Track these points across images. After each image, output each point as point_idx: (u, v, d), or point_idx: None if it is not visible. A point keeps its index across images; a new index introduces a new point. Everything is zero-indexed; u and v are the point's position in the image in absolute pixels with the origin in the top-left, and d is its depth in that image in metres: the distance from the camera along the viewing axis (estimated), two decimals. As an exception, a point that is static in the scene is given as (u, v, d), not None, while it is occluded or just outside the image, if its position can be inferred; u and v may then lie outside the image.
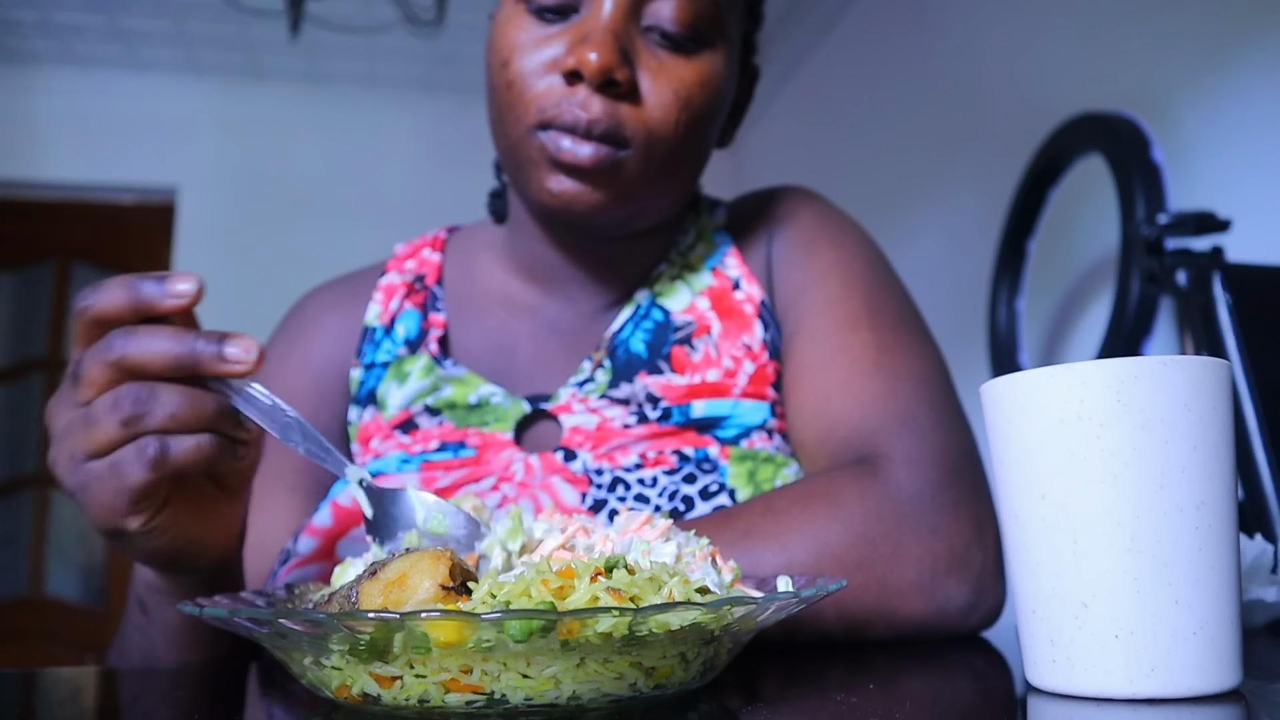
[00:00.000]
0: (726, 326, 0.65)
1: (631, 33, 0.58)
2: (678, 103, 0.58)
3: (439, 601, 0.34)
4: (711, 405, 0.62)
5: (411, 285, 0.72)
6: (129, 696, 0.46)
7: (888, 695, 0.39)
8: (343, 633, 0.31)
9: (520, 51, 0.58)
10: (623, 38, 0.57)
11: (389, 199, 3.63)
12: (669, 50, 0.59)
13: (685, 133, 0.59)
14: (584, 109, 0.56)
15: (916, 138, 2.56)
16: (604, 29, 0.57)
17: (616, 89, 0.57)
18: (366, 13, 3.12)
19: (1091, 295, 1.82)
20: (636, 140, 0.58)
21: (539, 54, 0.58)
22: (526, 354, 0.68)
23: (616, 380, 0.64)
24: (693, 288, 0.67)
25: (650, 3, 0.58)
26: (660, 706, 0.35)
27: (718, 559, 0.41)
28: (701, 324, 0.65)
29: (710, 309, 0.65)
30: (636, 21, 0.58)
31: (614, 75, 0.56)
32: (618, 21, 0.57)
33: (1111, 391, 0.35)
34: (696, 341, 0.64)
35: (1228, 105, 1.55)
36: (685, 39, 0.59)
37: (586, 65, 0.55)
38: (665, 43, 0.59)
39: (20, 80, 3.50)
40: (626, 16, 0.58)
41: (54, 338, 3.51)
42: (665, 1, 0.58)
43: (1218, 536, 0.34)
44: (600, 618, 0.30)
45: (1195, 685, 0.34)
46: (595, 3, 0.58)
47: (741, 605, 0.33)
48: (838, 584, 0.38)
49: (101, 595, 3.39)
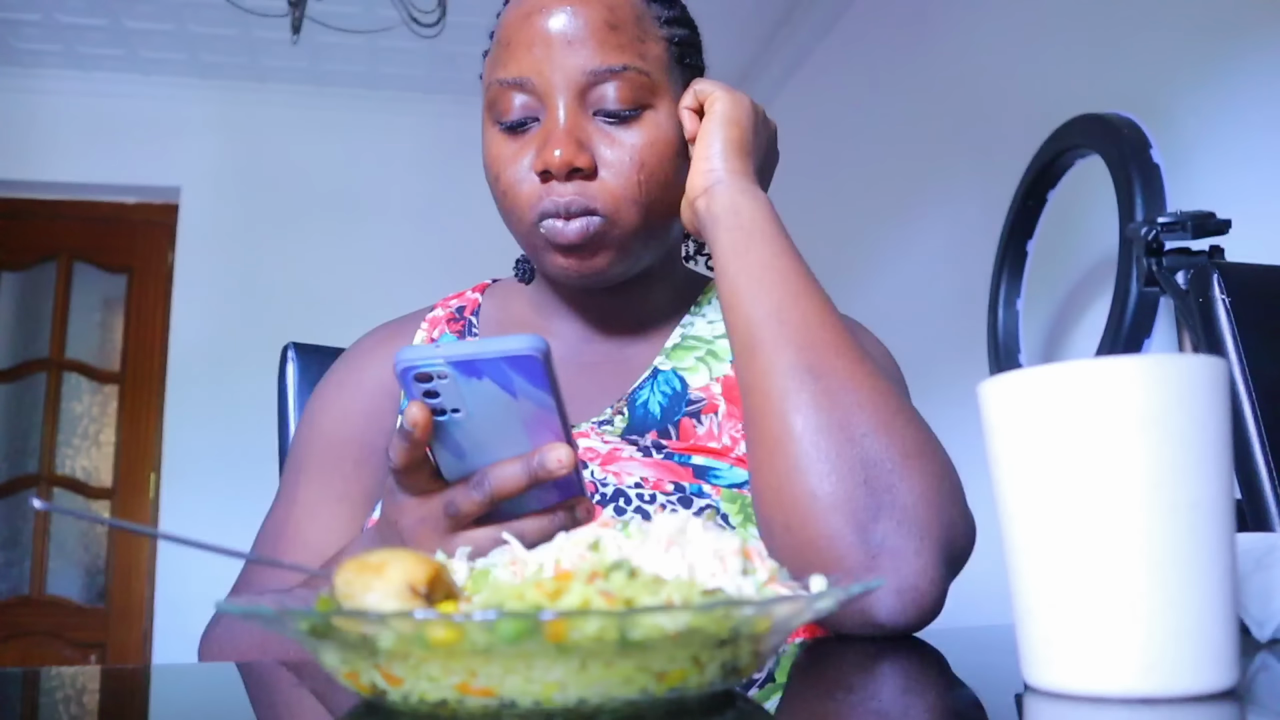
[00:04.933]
0: (730, 409, 0.73)
1: (583, 123, 0.69)
2: (633, 165, 0.69)
3: (402, 601, 0.34)
4: (709, 461, 0.70)
5: (453, 315, 0.84)
6: (130, 696, 0.46)
7: (883, 693, 0.40)
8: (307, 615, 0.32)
9: (503, 165, 0.70)
10: (577, 130, 0.68)
11: (390, 199, 3.63)
12: (617, 124, 0.69)
13: (647, 188, 0.69)
14: (560, 196, 0.68)
15: (916, 139, 2.56)
16: (560, 130, 0.68)
17: (581, 173, 0.68)
18: (368, 14, 3.12)
19: (1091, 295, 1.82)
20: (606, 208, 0.68)
21: (518, 164, 0.70)
22: None
23: (630, 431, 0.72)
24: (712, 372, 0.76)
25: (592, 93, 0.69)
26: (682, 710, 0.35)
27: (754, 556, 0.41)
28: (711, 404, 0.73)
29: (721, 394, 0.74)
30: (585, 111, 0.69)
31: (575, 164, 0.67)
32: (570, 120, 0.68)
33: (1109, 391, 0.35)
34: (704, 417, 0.73)
35: (1227, 106, 1.55)
36: (627, 112, 0.69)
37: (552, 163, 0.67)
38: (612, 120, 0.69)
39: (23, 82, 3.50)
40: (576, 112, 0.69)
41: (56, 338, 3.52)
42: (605, 87, 0.68)
43: (1214, 536, 0.35)
44: (586, 620, 0.30)
45: (1191, 685, 0.34)
46: (550, 110, 0.69)
47: (741, 607, 0.33)
48: (863, 586, 0.38)
49: (103, 595, 3.40)
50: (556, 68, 0.68)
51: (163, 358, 3.49)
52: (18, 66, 3.46)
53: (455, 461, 0.52)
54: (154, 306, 3.55)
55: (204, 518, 3.20)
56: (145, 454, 3.46)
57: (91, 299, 3.60)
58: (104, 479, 3.47)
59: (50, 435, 3.44)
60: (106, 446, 3.50)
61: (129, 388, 3.51)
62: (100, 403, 3.54)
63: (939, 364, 2.23)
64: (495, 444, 0.50)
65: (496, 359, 0.46)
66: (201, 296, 3.49)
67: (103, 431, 3.52)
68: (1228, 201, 1.43)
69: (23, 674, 0.48)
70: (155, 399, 3.48)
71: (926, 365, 2.10)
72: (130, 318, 3.56)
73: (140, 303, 3.57)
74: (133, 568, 3.38)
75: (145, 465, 3.45)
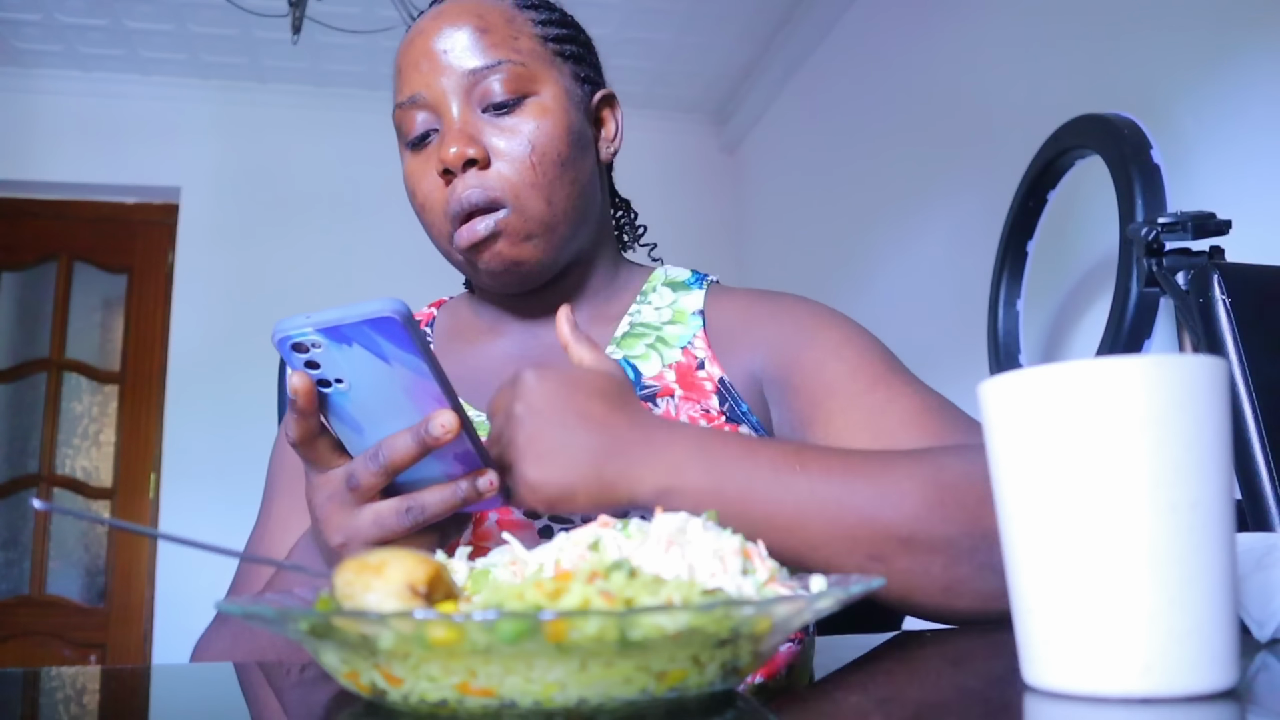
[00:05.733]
0: (687, 394, 0.74)
1: (473, 119, 0.73)
2: (525, 149, 0.72)
3: (402, 602, 0.34)
4: None
5: None
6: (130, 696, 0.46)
7: (882, 692, 0.40)
8: (308, 615, 0.32)
9: (416, 181, 0.75)
10: (468, 127, 0.72)
11: (389, 199, 3.62)
12: (505, 114, 0.73)
13: (543, 169, 0.72)
14: (462, 192, 0.71)
15: (916, 140, 2.56)
16: (453, 129, 0.72)
17: (477, 164, 0.71)
18: (368, 14, 3.12)
19: (1091, 296, 1.82)
20: (508, 196, 0.71)
21: (428, 177, 0.74)
22: (503, 379, 0.75)
23: None
24: (664, 359, 0.77)
25: (475, 91, 0.73)
26: (682, 710, 0.35)
27: (754, 557, 0.41)
28: (666, 388, 0.74)
29: (675, 380, 0.75)
30: (474, 110, 0.73)
31: (468, 154, 0.70)
32: (461, 118, 0.72)
33: (1109, 391, 0.35)
34: (659, 400, 0.74)
35: (1227, 107, 1.55)
36: (510, 99, 0.73)
37: (448, 159, 0.70)
38: (499, 110, 0.73)
39: (24, 82, 3.50)
40: (466, 111, 0.73)
41: (56, 338, 3.52)
42: (487, 82, 0.72)
43: (1214, 536, 0.35)
44: (586, 620, 0.30)
45: (1190, 685, 0.34)
46: (445, 116, 0.73)
47: (741, 607, 0.33)
48: (863, 585, 0.38)
49: (103, 595, 3.40)
50: (441, 76, 0.73)
51: (163, 358, 3.49)
52: (18, 66, 3.46)
53: (355, 436, 0.53)
54: (154, 306, 3.55)
55: (204, 518, 3.20)
56: (145, 454, 3.46)
57: (91, 299, 3.60)
58: (104, 479, 3.47)
59: (50, 435, 3.44)
60: (106, 446, 3.50)
61: (129, 388, 3.51)
62: (100, 403, 3.54)
63: (939, 364, 2.23)
64: (386, 416, 0.51)
65: (358, 323, 0.47)
66: (201, 296, 3.49)
67: (103, 431, 3.52)
68: (1228, 202, 1.43)
69: (23, 674, 0.48)
70: (155, 399, 3.48)
71: (926, 365, 2.10)
72: (130, 318, 3.56)
73: (140, 303, 3.57)
74: (133, 568, 3.38)
75: (145, 465, 3.45)
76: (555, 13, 0.80)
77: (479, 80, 0.73)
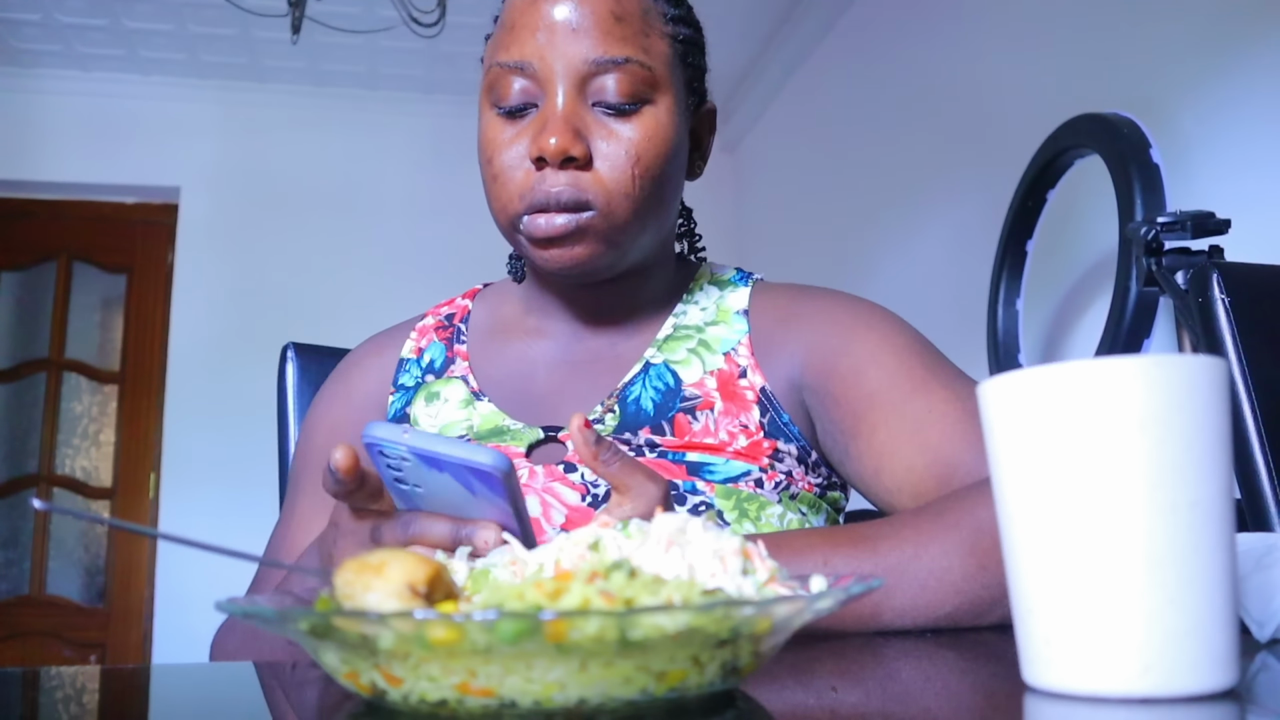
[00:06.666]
0: (727, 407, 0.72)
1: (581, 112, 0.68)
2: (629, 160, 0.68)
3: (402, 602, 0.34)
4: (704, 457, 0.69)
5: (442, 323, 0.84)
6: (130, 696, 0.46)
7: (882, 693, 0.40)
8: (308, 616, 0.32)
9: (497, 149, 0.70)
10: (574, 119, 0.68)
11: (389, 199, 3.63)
12: (615, 117, 0.69)
13: (642, 183, 0.69)
14: (553, 186, 0.67)
15: (916, 139, 2.56)
16: (558, 117, 0.67)
17: (575, 163, 0.67)
18: (368, 14, 3.12)
19: (1091, 295, 1.82)
20: (598, 201, 0.67)
21: (512, 150, 0.69)
22: (542, 384, 0.76)
23: (622, 429, 0.71)
24: (705, 365, 0.75)
25: (592, 83, 0.68)
26: (682, 710, 0.35)
27: (754, 557, 0.41)
28: (706, 400, 0.72)
29: (716, 389, 0.73)
30: (584, 101, 0.69)
31: (570, 153, 0.66)
32: (568, 107, 0.68)
33: (1108, 390, 0.35)
34: (699, 413, 0.72)
35: (1226, 106, 1.55)
36: (627, 105, 0.69)
37: (547, 150, 0.66)
38: (611, 112, 0.69)
39: (23, 81, 3.50)
40: (575, 100, 0.68)
41: (56, 338, 3.52)
42: (606, 78, 0.68)
43: (1213, 536, 0.35)
44: (586, 620, 0.30)
45: (1190, 685, 0.34)
46: (549, 96, 0.68)
47: (741, 607, 0.33)
48: (863, 585, 0.38)
49: (103, 595, 3.40)
50: (559, 55, 0.68)
51: (162, 358, 3.49)
52: (18, 66, 3.46)
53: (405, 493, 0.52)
54: (154, 306, 3.55)
55: (204, 518, 3.20)
56: (145, 454, 3.46)
57: (91, 299, 3.60)
58: (104, 479, 3.47)
59: (50, 435, 3.44)
60: (106, 446, 3.50)
61: (129, 388, 3.51)
62: (100, 403, 3.54)
63: (939, 364, 2.23)
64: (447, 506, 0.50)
65: (459, 463, 0.46)
66: (201, 296, 3.49)
67: (102, 431, 3.52)
68: (1228, 201, 1.43)
69: (23, 674, 0.48)
70: (155, 399, 3.48)
71: (926, 365, 2.10)
72: (130, 318, 3.56)
73: (140, 303, 3.57)
74: (133, 568, 3.38)
75: (145, 465, 3.45)
76: (683, 7, 0.76)
77: (599, 72, 0.68)
